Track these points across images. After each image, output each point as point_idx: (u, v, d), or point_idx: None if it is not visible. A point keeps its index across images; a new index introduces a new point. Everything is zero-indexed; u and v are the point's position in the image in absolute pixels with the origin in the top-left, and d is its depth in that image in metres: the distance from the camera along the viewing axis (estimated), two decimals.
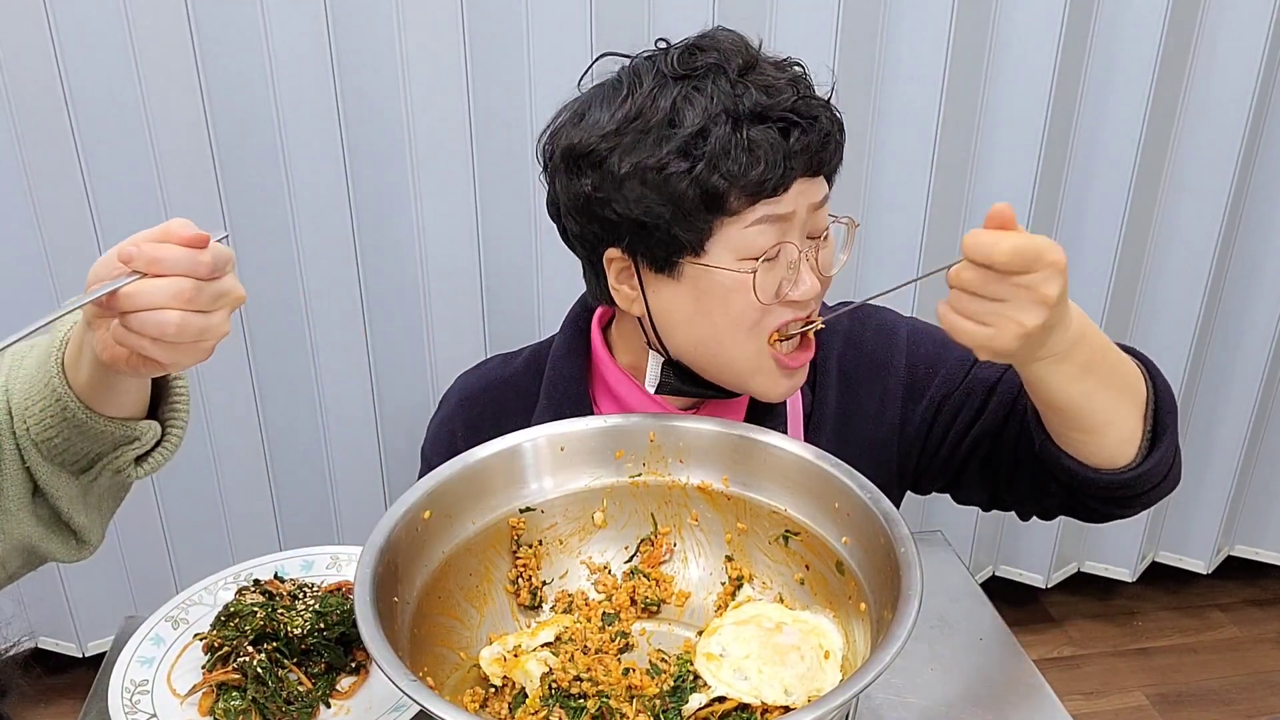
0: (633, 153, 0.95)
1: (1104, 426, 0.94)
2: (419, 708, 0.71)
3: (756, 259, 0.95)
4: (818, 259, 0.99)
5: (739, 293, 0.96)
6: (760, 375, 1.02)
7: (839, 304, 1.17)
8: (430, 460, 1.17)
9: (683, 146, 0.93)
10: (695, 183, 0.93)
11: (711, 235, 0.96)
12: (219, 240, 0.76)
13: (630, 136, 0.95)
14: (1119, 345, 0.98)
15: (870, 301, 1.07)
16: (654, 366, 1.07)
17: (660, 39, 1.02)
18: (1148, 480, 0.97)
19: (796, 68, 1.00)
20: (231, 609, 0.94)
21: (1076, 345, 0.87)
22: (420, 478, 0.96)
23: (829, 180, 1.01)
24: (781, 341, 1.00)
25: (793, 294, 0.97)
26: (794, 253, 0.96)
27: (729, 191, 0.93)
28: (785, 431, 1.08)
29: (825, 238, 1.00)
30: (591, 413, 1.12)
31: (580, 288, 1.14)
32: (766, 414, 1.09)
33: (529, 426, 1.01)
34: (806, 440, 1.09)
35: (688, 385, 1.06)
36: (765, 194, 0.94)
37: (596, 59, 1.05)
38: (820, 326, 1.01)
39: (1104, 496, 0.98)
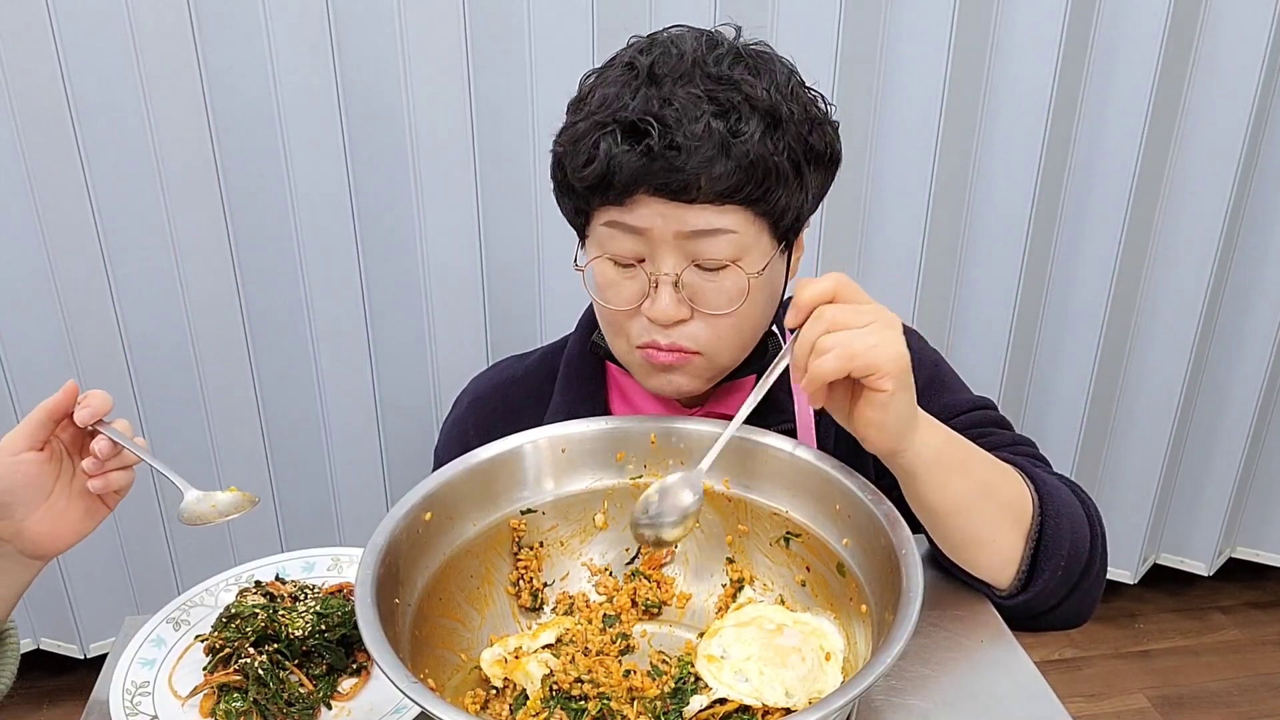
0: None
1: (986, 542, 0.94)
2: (420, 709, 0.71)
3: (609, 260, 0.98)
4: (680, 286, 0.96)
5: (590, 287, 1.01)
6: (634, 368, 1.05)
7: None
8: (443, 461, 1.18)
9: (560, 131, 1.00)
10: (558, 167, 0.99)
11: (589, 221, 1.00)
12: None
13: (570, 109, 1.01)
14: (1057, 476, 1.01)
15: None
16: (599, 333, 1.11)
17: (677, 25, 1.02)
18: (1027, 609, 0.97)
19: (747, 93, 0.93)
20: (233, 610, 0.94)
21: (948, 446, 0.90)
22: None
23: (771, 216, 0.96)
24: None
25: (646, 310, 0.97)
26: (647, 270, 0.96)
27: (572, 188, 0.98)
28: (794, 429, 1.08)
29: (712, 270, 0.96)
30: (606, 411, 1.13)
31: (581, 288, 1.14)
32: (771, 412, 1.09)
33: (543, 424, 1.01)
34: (819, 438, 1.10)
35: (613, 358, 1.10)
36: (607, 199, 0.95)
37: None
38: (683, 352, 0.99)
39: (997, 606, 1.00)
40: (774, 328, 1.09)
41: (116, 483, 0.95)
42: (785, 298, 1.17)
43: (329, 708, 0.90)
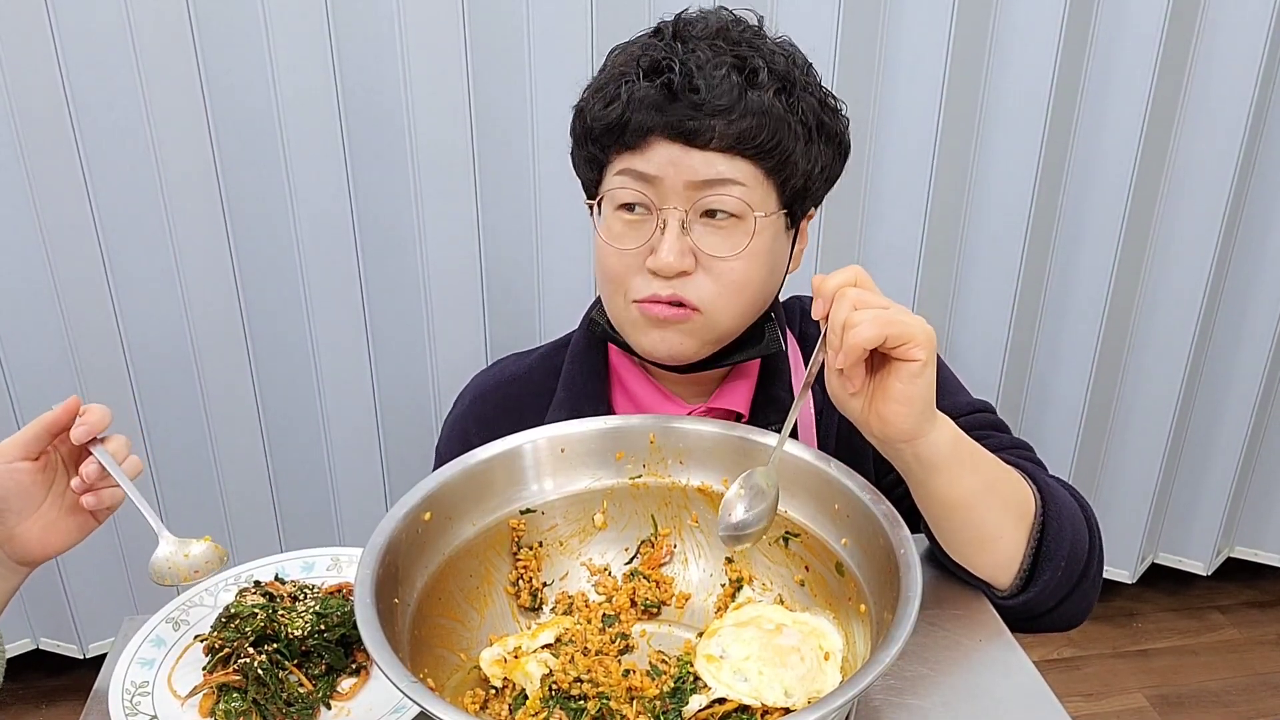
0: None
1: (991, 540, 0.94)
2: (419, 709, 0.72)
3: (616, 207, 1.00)
4: (690, 235, 0.98)
5: (600, 238, 1.02)
6: (629, 327, 1.05)
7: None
8: (444, 458, 1.18)
9: (585, 89, 1.02)
10: (578, 119, 1.02)
11: (604, 174, 1.02)
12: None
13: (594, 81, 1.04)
14: (1058, 480, 1.02)
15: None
16: (599, 311, 1.12)
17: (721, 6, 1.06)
18: (1026, 610, 0.98)
19: (765, 58, 0.97)
20: (232, 610, 0.94)
21: (960, 441, 0.91)
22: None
23: (779, 176, 0.99)
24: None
25: (650, 262, 0.99)
26: (656, 217, 0.98)
27: (591, 133, 0.99)
28: (795, 427, 1.08)
29: (717, 215, 0.98)
30: (609, 408, 1.14)
31: (580, 288, 1.15)
32: (772, 410, 1.09)
33: (544, 421, 1.01)
34: (818, 438, 1.10)
35: (614, 331, 1.10)
36: (622, 144, 0.98)
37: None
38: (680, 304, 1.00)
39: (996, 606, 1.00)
40: (772, 314, 1.09)
41: (108, 499, 0.96)
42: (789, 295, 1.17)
43: (328, 707, 0.90)
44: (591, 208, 1.05)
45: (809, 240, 1.11)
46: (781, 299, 1.16)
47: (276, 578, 1.02)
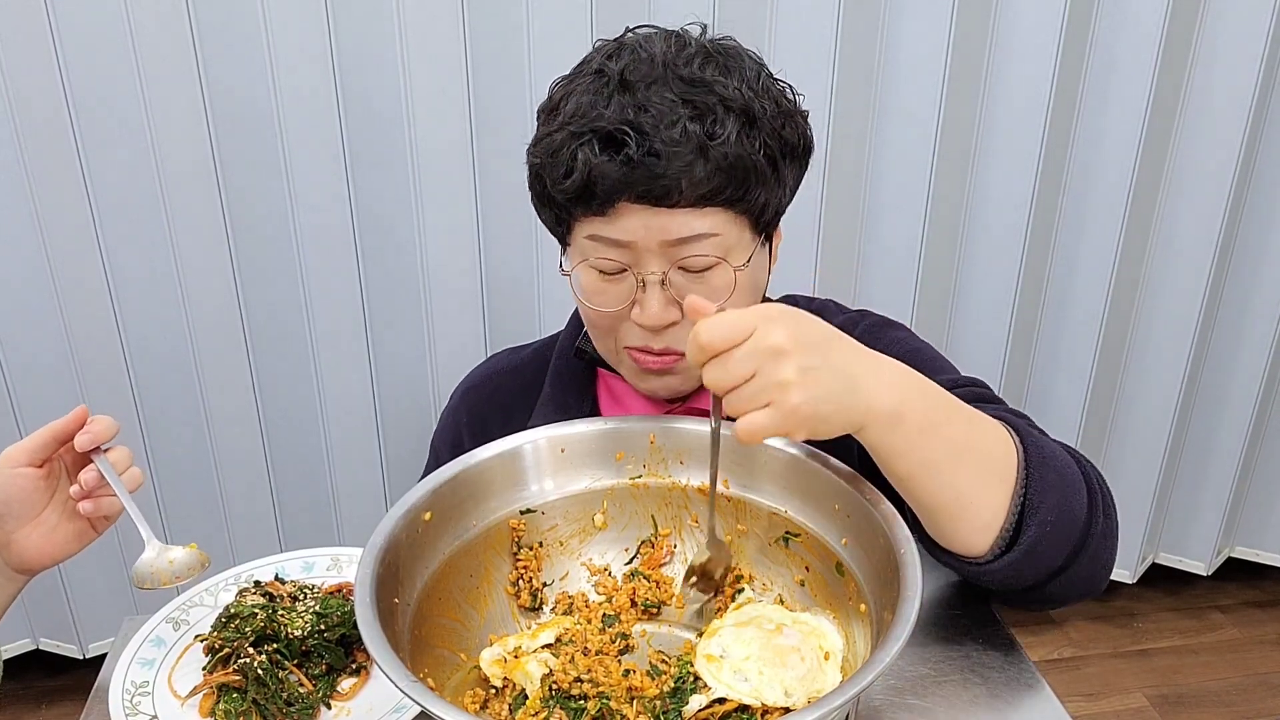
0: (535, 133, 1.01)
1: (967, 504, 0.85)
2: (420, 709, 0.72)
3: (594, 268, 0.98)
4: (671, 287, 0.96)
5: (577, 292, 1.01)
6: (624, 369, 1.06)
7: None
8: (439, 450, 1.19)
9: (535, 141, 1.00)
10: (537, 179, 0.99)
11: (571, 230, 1.00)
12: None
13: (541, 117, 1.01)
14: (1060, 444, 0.91)
15: None
16: (584, 340, 1.13)
17: (643, 25, 1.03)
18: (1009, 579, 0.88)
19: (720, 93, 0.93)
20: (232, 610, 0.94)
21: (901, 422, 0.81)
22: (428, 469, 0.96)
23: (752, 213, 0.97)
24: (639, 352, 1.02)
25: (636, 316, 0.98)
26: (634, 276, 0.97)
27: (553, 200, 0.97)
28: None
29: (698, 270, 0.96)
30: (594, 405, 1.14)
31: None
32: None
33: (532, 415, 1.01)
34: None
35: (602, 359, 1.10)
36: (589, 210, 0.95)
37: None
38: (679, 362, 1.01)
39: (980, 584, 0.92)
40: None
41: (106, 508, 0.96)
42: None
43: (328, 707, 0.90)
44: (561, 249, 1.04)
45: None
46: (774, 297, 1.15)
47: (276, 578, 1.02)
